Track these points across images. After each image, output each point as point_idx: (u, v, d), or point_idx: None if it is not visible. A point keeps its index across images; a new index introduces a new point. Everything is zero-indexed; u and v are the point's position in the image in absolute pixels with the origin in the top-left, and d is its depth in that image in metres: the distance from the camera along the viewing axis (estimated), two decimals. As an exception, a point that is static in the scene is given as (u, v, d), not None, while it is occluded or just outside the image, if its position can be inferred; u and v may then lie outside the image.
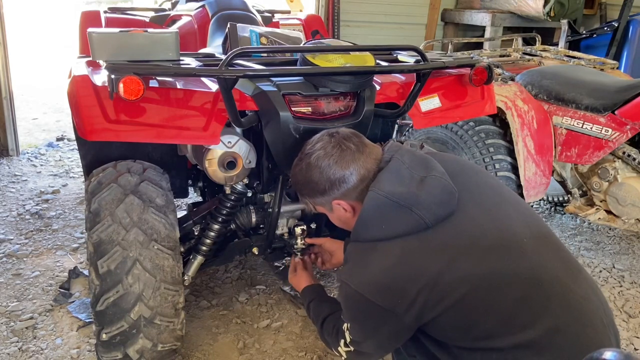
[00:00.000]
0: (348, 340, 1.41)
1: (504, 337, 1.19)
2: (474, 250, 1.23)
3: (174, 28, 2.85)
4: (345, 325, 1.42)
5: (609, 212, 2.64)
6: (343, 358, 1.49)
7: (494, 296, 1.20)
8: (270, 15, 3.21)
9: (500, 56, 3.46)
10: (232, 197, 1.92)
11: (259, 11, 3.06)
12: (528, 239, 1.28)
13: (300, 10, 4.10)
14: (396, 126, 2.15)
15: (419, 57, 1.78)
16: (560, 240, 1.37)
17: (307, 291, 1.84)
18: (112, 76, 1.45)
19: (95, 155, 1.92)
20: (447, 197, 1.28)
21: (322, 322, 1.63)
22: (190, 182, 2.33)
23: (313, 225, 2.06)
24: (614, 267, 2.74)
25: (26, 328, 2.09)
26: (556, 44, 4.01)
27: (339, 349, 1.47)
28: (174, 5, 3.35)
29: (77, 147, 2.48)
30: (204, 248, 1.94)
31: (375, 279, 1.25)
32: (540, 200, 3.08)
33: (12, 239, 2.76)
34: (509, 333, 1.19)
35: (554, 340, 1.17)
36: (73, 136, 4.62)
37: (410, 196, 1.26)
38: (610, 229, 3.14)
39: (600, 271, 2.70)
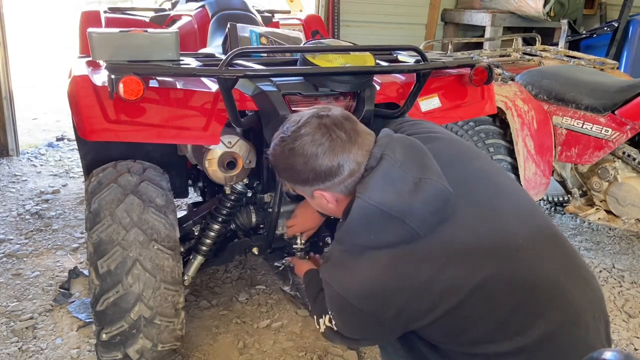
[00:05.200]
0: (335, 322, 1.33)
1: (494, 344, 1.15)
2: (467, 257, 1.16)
3: (174, 28, 2.85)
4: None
5: (609, 212, 2.64)
6: (320, 331, 1.42)
7: (487, 306, 1.15)
8: (270, 15, 3.21)
9: (500, 56, 3.46)
10: (232, 197, 1.92)
11: (259, 11, 3.06)
12: (525, 239, 1.21)
13: (300, 10, 4.09)
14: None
15: (419, 57, 1.78)
16: (557, 229, 1.30)
17: (309, 272, 1.74)
18: (112, 76, 1.45)
19: (95, 155, 1.92)
20: (442, 205, 1.18)
21: (318, 292, 1.53)
22: (190, 182, 2.33)
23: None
24: (614, 267, 2.74)
25: (26, 328, 2.09)
26: (556, 44, 4.01)
27: (321, 320, 1.41)
28: (174, 5, 3.35)
29: (77, 147, 2.48)
30: (204, 248, 1.94)
31: (360, 286, 1.19)
32: (540, 200, 3.08)
33: (12, 239, 2.76)
34: (499, 340, 1.15)
35: (544, 346, 1.14)
36: (73, 136, 4.63)
37: (403, 206, 1.15)
38: (610, 229, 3.14)
39: (600, 271, 2.70)
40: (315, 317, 1.49)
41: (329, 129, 1.21)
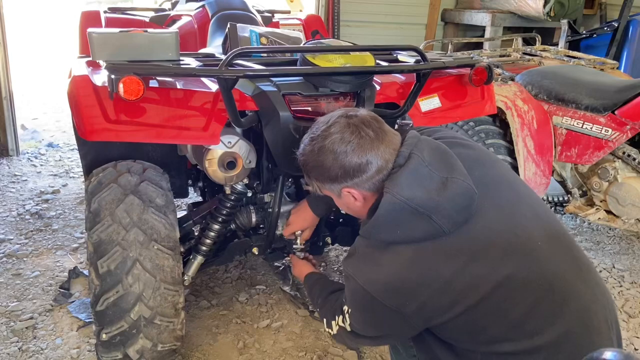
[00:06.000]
0: (348, 321, 1.36)
1: (511, 342, 1.18)
2: (488, 255, 1.20)
3: (174, 28, 2.85)
4: (346, 307, 1.37)
5: (609, 212, 2.65)
6: (332, 333, 1.45)
7: (506, 304, 1.18)
8: (270, 15, 3.21)
9: (500, 56, 3.46)
10: (232, 197, 1.91)
11: (259, 11, 3.06)
12: (542, 241, 1.25)
13: (300, 10, 4.10)
14: (396, 126, 2.15)
15: (419, 57, 1.78)
16: (571, 236, 1.34)
17: (311, 275, 1.78)
18: (112, 76, 1.45)
19: (95, 155, 1.92)
20: (467, 203, 1.22)
21: (327, 295, 1.57)
22: (190, 182, 2.33)
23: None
24: (614, 267, 2.74)
25: (26, 328, 2.09)
26: (556, 44, 4.01)
27: (333, 322, 1.43)
28: (174, 5, 3.35)
29: (77, 147, 2.48)
30: (204, 248, 1.94)
31: (384, 280, 1.22)
32: (540, 200, 3.08)
33: (12, 239, 2.76)
34: (516, 339, 1.18)
35: (560, 347, 1.16)
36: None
37: (430, 203, 1.19)
38: (610, 229, 3.14)
39: (600, 271, 2.70)
40: (325, 320, 1.51)
41: (357, 128, 1.26)
